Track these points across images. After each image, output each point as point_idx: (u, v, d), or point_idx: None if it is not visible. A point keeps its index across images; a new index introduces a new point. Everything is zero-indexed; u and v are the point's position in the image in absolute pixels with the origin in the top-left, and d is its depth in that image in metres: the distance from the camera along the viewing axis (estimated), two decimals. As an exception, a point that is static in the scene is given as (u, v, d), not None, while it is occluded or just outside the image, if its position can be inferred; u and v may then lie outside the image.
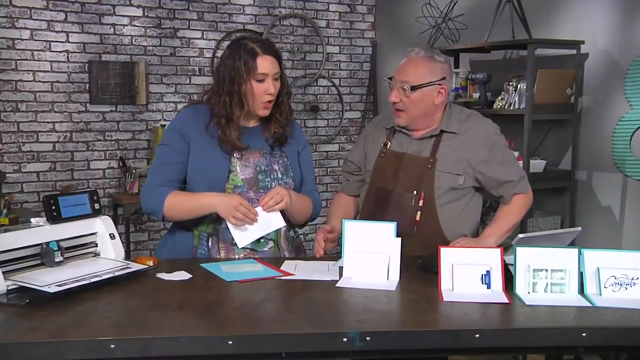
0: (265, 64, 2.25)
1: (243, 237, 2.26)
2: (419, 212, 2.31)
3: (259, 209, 2.24)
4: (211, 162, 2.29)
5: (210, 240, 2.32)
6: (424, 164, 2.33)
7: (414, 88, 2.27)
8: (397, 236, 2.05)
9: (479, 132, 2.36)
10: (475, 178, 2.36)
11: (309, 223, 2.53)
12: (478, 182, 2.38)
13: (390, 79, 2.37)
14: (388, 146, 2.42)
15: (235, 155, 2.31)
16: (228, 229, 2.27)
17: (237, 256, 2.29)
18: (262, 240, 2.30)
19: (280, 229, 2.34)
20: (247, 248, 2.30)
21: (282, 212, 2.30)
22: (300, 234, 2.55)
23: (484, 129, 2.38)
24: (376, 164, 2.44)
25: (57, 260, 1.97)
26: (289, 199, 2.26)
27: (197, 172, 2.30)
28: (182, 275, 2.05)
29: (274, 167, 2.36)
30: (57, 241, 1.99)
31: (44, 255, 1.98)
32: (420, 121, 2.35)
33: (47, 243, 1.98)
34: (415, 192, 2.32)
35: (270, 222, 2.27)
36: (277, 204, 2.24)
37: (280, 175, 2.36)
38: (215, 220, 2.29)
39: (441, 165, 2.32)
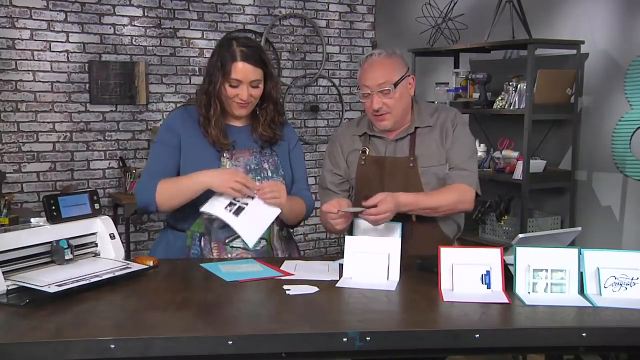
0: (240, 70, 2.23)
1: (250, 233, 2.21)
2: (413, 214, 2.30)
3: (256, 199, 2.22)
4: (201, 162, 2.28)
5: (202, 240, 2.31)
6: (405, 164, 2.34)
7: (396, 84, 2.28)
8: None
9: (449, 121, 2.37)
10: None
11: (308, 224, 2.53)
12: None
13: (358, 89, 2.33)
14: (367, 152, 2.40)
15: (225, 155, 2.31)
16: (220, 228, 2.27)
17: (229, 255, 2.29)
18: None
19: (273, 228, 2.34)
20: (240, 247, 2.30)
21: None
22: (300, 234, 2.53)
23: (452, 118, 2.39)
24: (358, 171, 2.41)
25: (67, 258, 1.99)
26: (284, 201, 2.23)
27: (188, 172, 2.29)
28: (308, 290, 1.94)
29: (263, 165, 2.35)
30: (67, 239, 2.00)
31: (54, 253, 1.99)
32: (402, 118, 2.36)
33: (57, 241, 1.99)
34: None
35: (267, 211, 2.24)
36: (274, 199, 2.21)
37: (270, 174, 2.35)
38: (207, 220, 2.29)
39: (423, 161, 2.33)
